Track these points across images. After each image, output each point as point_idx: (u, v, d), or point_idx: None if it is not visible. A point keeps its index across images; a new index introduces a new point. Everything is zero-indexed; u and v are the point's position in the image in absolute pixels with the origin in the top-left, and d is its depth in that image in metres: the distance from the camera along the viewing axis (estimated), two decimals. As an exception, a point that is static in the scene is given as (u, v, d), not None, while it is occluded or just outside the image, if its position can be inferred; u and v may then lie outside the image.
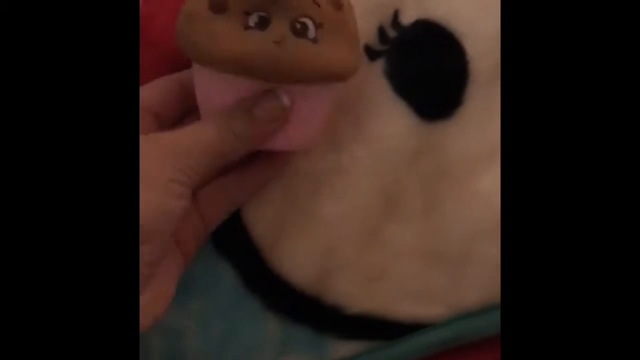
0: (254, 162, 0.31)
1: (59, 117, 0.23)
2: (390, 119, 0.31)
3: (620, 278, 0.22)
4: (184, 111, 0.31)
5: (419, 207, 0.32)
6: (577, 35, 0.23)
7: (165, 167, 0.26)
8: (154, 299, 0.27)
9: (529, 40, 0.24)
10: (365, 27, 0.31)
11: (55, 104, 0.23)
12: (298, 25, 0.27)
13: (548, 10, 0.24)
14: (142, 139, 0.26)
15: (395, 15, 0.32)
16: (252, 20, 0.26)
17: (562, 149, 0.23)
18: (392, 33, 0.32)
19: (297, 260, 0.32)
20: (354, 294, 0.32)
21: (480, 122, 0.31)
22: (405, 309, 0.32)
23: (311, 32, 0.27)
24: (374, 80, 0.31)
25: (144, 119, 0.29)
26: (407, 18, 0.32)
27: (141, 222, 0.24)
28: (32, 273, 0.22)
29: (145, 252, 0.25)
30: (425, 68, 0.31)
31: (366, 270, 0.32)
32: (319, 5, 0.27)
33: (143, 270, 0.26)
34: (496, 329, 0.31)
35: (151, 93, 0.30)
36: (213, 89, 0.28)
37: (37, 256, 0.22)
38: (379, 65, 0.32)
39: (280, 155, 0.31)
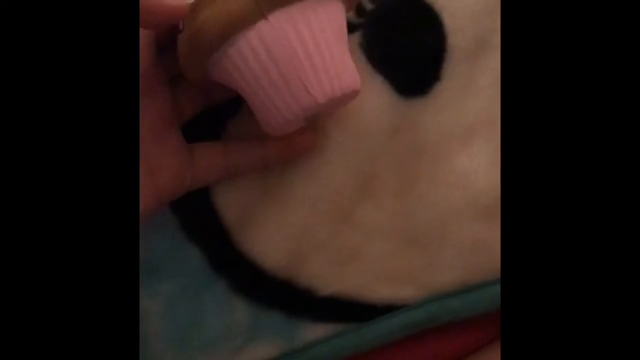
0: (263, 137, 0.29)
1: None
2: (367, 95, 0.30)
3: (618, 264, 0.22)
4: None
5: (393, 187, 0.31)
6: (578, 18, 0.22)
7: None
8: None
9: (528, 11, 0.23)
10: (341, -2, 0.30)
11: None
12: None
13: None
14: None
15: (372, -13, 0.30)
16: None
17: (559, 130, 0.22)
18: (368, 6, 0.30)
19: (269, 243, 0.31)
20: (326, 276, 0.31)
21: (457, 99, 0.30)
22: (378, 291, 0.31)
23: None
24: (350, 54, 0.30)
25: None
26: (384, -10, 0.30)
27: None
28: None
29: None
30: (402, 42, 0.30)
31: (339, 251, 0.31)
32: None
33: None
34: (471, 310, 0.30)
35: None
36: None
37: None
38: (355, 38, 0.30)
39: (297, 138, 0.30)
